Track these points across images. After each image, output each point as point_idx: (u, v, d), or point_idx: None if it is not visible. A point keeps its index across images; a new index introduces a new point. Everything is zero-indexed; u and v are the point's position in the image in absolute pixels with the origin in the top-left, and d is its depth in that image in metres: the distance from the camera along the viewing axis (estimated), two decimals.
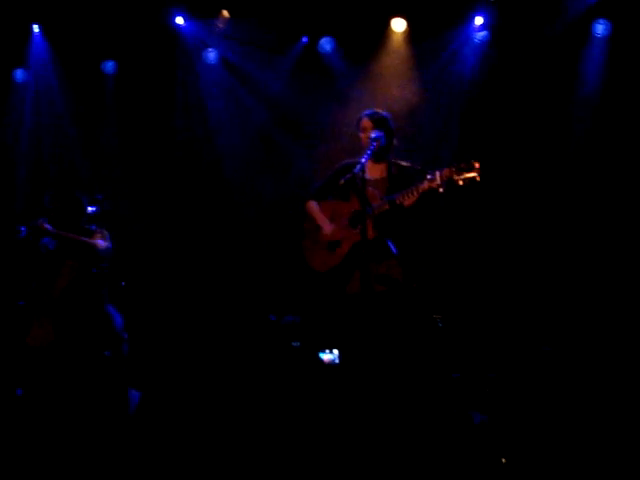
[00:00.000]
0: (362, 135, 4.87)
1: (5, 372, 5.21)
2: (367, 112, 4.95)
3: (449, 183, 4.40)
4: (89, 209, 5.33)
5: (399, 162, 4.89)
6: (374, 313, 4.47)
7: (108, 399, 4.97)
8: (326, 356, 6.12)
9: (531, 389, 5.07)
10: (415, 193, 4.50)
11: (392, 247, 4.61)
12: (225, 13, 7.24)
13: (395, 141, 4.93)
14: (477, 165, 4.34)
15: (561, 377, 5.21)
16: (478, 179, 4.33)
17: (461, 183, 4.36)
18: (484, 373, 5.51)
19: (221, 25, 7.26)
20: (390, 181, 4.77)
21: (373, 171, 4.79)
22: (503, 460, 4.01)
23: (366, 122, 4.86)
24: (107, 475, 4.10)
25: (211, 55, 7.41)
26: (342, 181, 4.43)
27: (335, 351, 6.02)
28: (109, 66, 7.37)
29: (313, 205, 4.99)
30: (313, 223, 4.94)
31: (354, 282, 4.65)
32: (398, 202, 4.56)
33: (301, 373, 5.75)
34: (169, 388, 5.66)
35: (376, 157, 4.75)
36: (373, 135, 4.68)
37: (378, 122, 4.84)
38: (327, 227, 4.84)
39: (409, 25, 7.11)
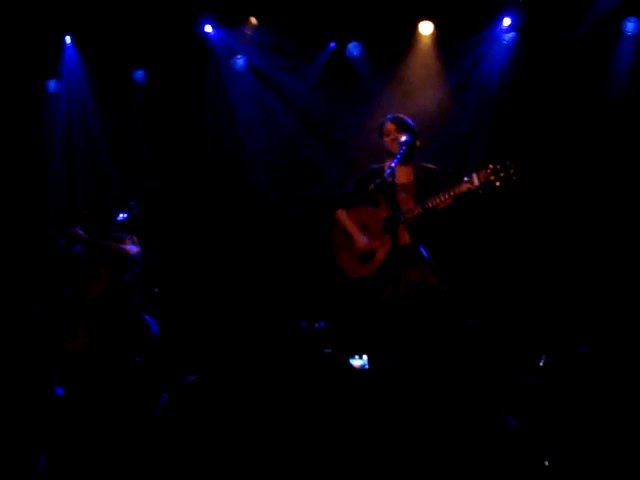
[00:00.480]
0: (386, 139, 4.84)
1: (44, 377, 5.27)
2: (389, 116, 4.92)
3: (486, 185, 4.40)
4: (120, 216, 5.38)
5: (425, 165, 4.85)
6: (406, 319, 4.48)
7: (140, 405, 5.01)
8: (356, 362, 6.12)
9: (567, 392, 5.02)
10: (451, 196, 4.48)
11: (424, 252, 4.59)
12: (253, 20, 7.28)
13: (418, 143, 4.87)
14: (513, 165, 4.36)
15: (597, 379, 5.15)
16: (515, 179, 4.35)
17: (498, 184, 4.36)
18: (520, 377, 5.47)
19: (249, 32, 7.31)
20: (419, 184, 4.73)
21: (401, 175, 4.68)
22: (546, 463, 3.98)
23: (390, 126, 4.84)
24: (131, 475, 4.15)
25: (240, 62, 7.46)
26: (372, 186, 4.41)
27: (365, 357, 6.02)
28: (139, 75, 7.45)
29: (342, 213, 4.90)
30: (344, 232, 4.87)
31: (387, 288, 4.62)
32: (432, 206, 4.53)
33: (331, 378, 5.74)
34: (200, 392, 5.70)
35: (404, 160, 4.71)
36: (403, 139, 4.66)
37: (402, 125, 4.82)
38: (360, 238, 4.76)
39: (436, 28, 7.09)
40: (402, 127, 4.80)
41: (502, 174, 4.37)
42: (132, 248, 5.22)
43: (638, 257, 6.42)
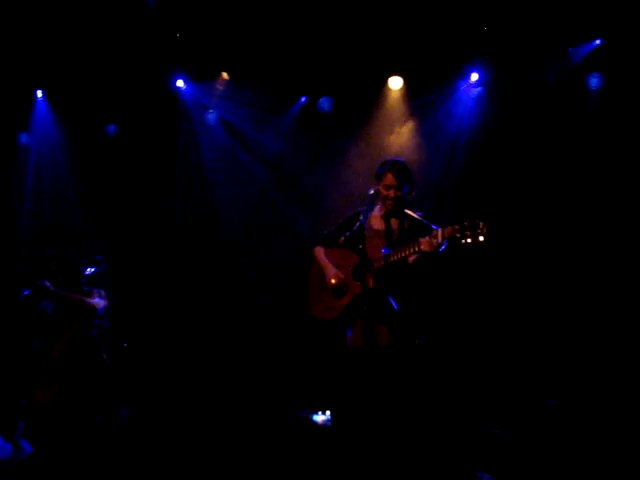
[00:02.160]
0: (384, 192, 4.66)
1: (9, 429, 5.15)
2: (388, 166, 4.71)
3: (451, 241, 4.24)
4: (88, 270, 5.35)
5: (411, 213, 4.76)
6: (375, 368, 4.42)
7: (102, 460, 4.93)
8: (319, 417, 6.05)
9: (537, 446, 4.98)
10: (414, 249, 4.38)
11: (393, 303, 4.56)
12: (224, 75, 7.36)
13: (413, 193, 4.77)
14: (481, 225, 4.13)
15: (567, 433, 5.13)
16: (482, 239, 4.11)
17: (463, 242, 4.16)
18: (488, 430, 5.43)
19: (220, 87, 7.38)
20: (398, 234, 4.67)
21: (379, 223, 4.71)
22: None
23: (390, 179, 4.66)
24: None
25: (211, 116, 7.50)
26: (342, 239, 4.45)
27: (327, 412, 5.95)
28: (111, 129, 7.46)
29: (320, 250, 4.88)
30: (318, 268, 4.83)
31: (356, 336, 4.58)
32: (396, 258, 4.47)
33: (294, 436, 5.67)
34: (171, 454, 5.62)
35: (389, 211, 4.69)
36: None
37: (403, 179, 4.66)
38: (331, 272, 4.71)
39: (406, 83, 7.22)
40: (402, 180, 4.67)
41: (468, 232, 4.15)
42: (99, 302, 5.19)
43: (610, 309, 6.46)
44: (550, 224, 6.72)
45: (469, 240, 4.16)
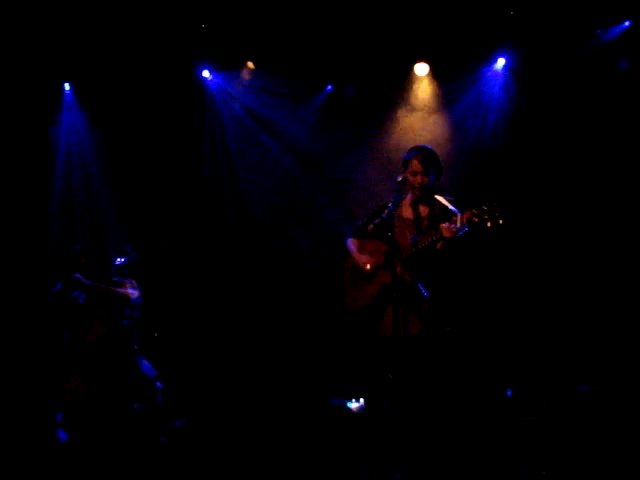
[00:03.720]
0: (411, 178, 4.67)
1: (47, 420, 5.21)
2: (414, 152, 4.72)
3: (470, 225, 4.26)
4: (118, 260, 5.38)
5: (441, 199, 4.73)
6: (407, 357, 4.43)
7: (138, 450, 4.96)
8: (354, 405, 6.07)
9: (570, 433, 4.94)
10: (436, 236, 4.41)
11: (424, 291, 4.56)
12: (250, 64, 7.36)
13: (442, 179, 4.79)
14: (499, 208, 4.16)
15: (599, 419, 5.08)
16: (502, 222, 4.15)
17: (482, 226, 4.19)
18: (521, 417, 5.41)
19: (246, 76, 7.39)
20: (427, 221, 4.67)
21: (409, 210, 4.74)
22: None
23: (416, 165, 4.66)
24: None
25: (237, 105, 7.51)
26: (371, 226, 4.47)
27: (362, 400, 5.96)
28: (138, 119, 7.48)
29: (353, 242, 4.94)
30: (351, 260, 4.90)
31: (387, 325, 4.59)
32: (422, 245, 4.49)
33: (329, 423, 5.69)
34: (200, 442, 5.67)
35: (418, 197, 4.72)
36: (425, 181, 4.66)
37: (429, 164, 4.66)
38: (363, 259, 4.77)
39: (432, 69, 7.19)
40: (428, 166, 4.68)
41: (486, 216, 4.18)
42: (133, 292, 5.23)
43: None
44: (577, 208, 6.68)
45: (488, 224, 4.18)
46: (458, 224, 4.30)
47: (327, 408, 5.99)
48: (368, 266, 4.74)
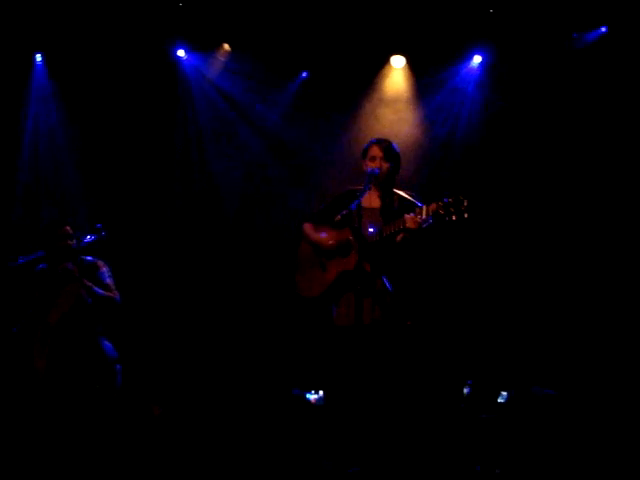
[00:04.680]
0: (369, 163, 4.72)
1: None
2: (375, 140, 4.84)
3: (435, 217, 4.27)
4: (88, 237, 5.27)
5: (401, 193, 4.79)
6: (363, 347, 4.43)
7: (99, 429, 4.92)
8: (313, 396, 6.07)
9: (526, 431, 5.00)
10: (399, 227, 4.41)
11: (386, 282, 4.56)
12: (226, 46, 7.30)
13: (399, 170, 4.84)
14: (465, 202, 4.17)
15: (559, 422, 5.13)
16: (466, 216, 4.17)
17: (447, 219, 4.21)
18: (478, 414, 5.45)
19: (221, 58, 7.32)
20: (389, 211, 4.68)
21: (372, 200, 4.73)
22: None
23: (376, 151, 4.73)
24: None
25: (210, 88, 7.43)
26: (338, 217, 4.44)
27: (321, 392, 5.96)
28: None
29: (309, 227, 4.90)
30: (308, 243, 4.86)
31: (342, 314, 4.60)
32: (383, 235, 4.49)
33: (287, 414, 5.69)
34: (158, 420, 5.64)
35: (379, 187, 4.72)
36: (368, 170, 4.67)
37: (388, 152, 4.74)
38: (324, 237, 4.74)
39: (408, 62, 7.19)
40: (387, 154, 4.73)
41: (452, 209, 4.19)
42: (116, 295, 5.15)
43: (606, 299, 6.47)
44: (546, 205, 6.74)
45: (453, 217, 4.20)
46: (423, 215, 4.32)
47: (287, 399, 5.98)
48: (331, 242, 4.71)
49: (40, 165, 7.35)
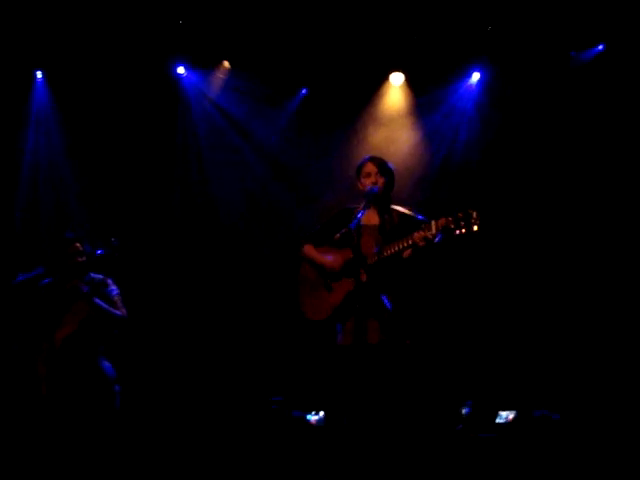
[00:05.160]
0: (365, 181, 4.69)
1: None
2: (369, 157, 4.81)
3: (445, 232, 4.20)
4: (98, 251, 5.21)
5: (399, 209, 4.76)
6: (365, 367, 4.42)
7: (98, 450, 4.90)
8: (314, 417, 6.05)
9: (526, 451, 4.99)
10: (407, 243, 4.35)
11: (386, 302, 4.55)
12: (226, 64, 7.33)
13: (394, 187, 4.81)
14: (475, 215, 4.12)
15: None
16: (476, 229, 4.11)
17: (457, 232, 4.14)
18: (478, 433, 5.44)
19: (222, 76, 7.35)
20: (390, 229, 4.63)
21: (372, 218, 4.69)
22: None
23: (370, 167, 4.70)
24: None
25: (210, 105, 7.45)
26: (338, 235, 4.42)
27: (321, 412, 5.93)
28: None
29: (310, 248, 4.82)
30: (311, 265, 4.79)
31: (347, 334, 4.57)
32: (388, 254, 4.43)
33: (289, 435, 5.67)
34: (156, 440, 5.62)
35: (376, 204, 4.69)
36: (368, 188, 4.67)
37: (382, 167, 4.71)
38: (329, 260, 4.65)
39: (407, 79, 7.22)
40: (382, 169, 4.71)
41: (462, 223, 4.13)
42: (124, 312, 5.13)
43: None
44: (546, 222, 6.76)
45: (463, 230, 4.14)
46: (433, 231, 4.24)
47: (287, 420, 5.96)
48: (335, 266, 4.63)
49: (40, 181, 7.35)
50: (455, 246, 4.36)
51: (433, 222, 4.27)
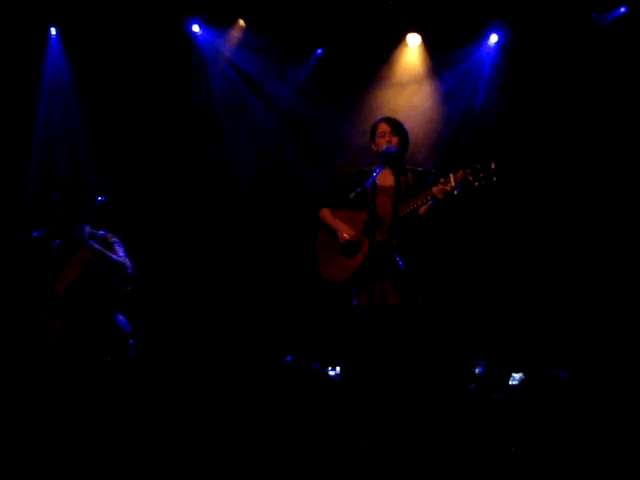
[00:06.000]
0: (380, 140, 4.71)
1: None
2: (382, 117, 4.84)
3: (464, 184, 4.19)
4: (98, 199, 5.26)
5: (416, 168, 4.77)
6: (379, 328, 4.44)
7: (110, 402, 4.93)
8: (332, 372, 6.09)
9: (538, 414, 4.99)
10: (427, 198, 4.34)
11: (400, 262, 4.55)
12: (241, 22, 7.26)
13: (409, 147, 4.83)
14: (493, 165, 4.11)
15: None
16: (495, 179, 4.10)
17: (477, 184, 4.13)
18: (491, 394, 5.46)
19: (236, 34, 7.29)
20: (405, 188, 4.63)
21: (386, 179, 4.68)
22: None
23: (384, 127, 4.73)
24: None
25: (225, 64, 7.40)
26: (352, 194, 4.42)
27: (338, 368, 5.98)
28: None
29: (327, 212, 4.85)
30: (328, 230, 4.81)
31: (362, 296, 4.59)
32: (407, 210, 4.44)
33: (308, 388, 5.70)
34: (171, 395, 5.65)
35: (391, 164, 4.68)
36: (384, 148, 4.65)
37: (396, 127, 4.73)
38: (343, 228, 4.68)
39: (424, 40, 7.14)
40: (396, 129, 4.73)
41: (481, 174, 4.12)
42: (128, 264, 5.17)
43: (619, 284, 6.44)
44: (564, 188, 6.71)
45: (482, 182, 4.13)
46: (452, 183, 4.22)
47: (307, 373, 5.98)
48: (346, 235, 4.65)
49: (54, 140, 7.33)
50: (474, 199, 4.33)
51: (451, 175, 4.25)
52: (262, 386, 5.40)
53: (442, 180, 4.28)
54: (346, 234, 4.66)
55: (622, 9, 6.59)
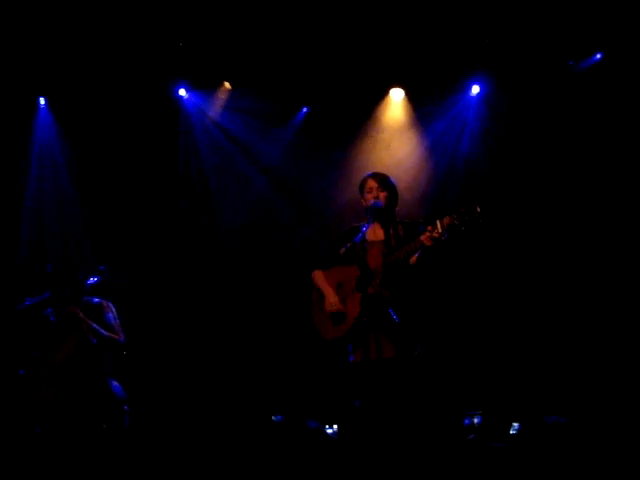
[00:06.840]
0: (368, 196, 4.77)
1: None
2: (370, 174, 4.89)
3: (451, 230, 4.25)
4: (91, 280, 5.33)
5: (405, 220, 4.82)
6: (377, 383, 4.42)
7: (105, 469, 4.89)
8: (329, 430, 6.04)
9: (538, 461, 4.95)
10: (416, 246, 4.39)
11: (393, 315, 4.55)
12: (227, 84, 7.38)
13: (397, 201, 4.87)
14: (478, 209, 4.20)
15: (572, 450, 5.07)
16: (481, 222, 4.18)
17: (463, 228, 4.21)
18: (490, 443, 5.42)
19: (223, 96, 7.40)
20: (395, 243, 4.67)
21: (377, 233, 4.74)
22: None
23: (372, 183, 4.78)
24: None
25: (212, 125, 7.50)
26: (343, 250, 4.46)
27: (335, 426, 5.93)
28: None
29: (319, 274, 4.88)
30: (319, 293, 4.84)
31: (357, 351, 4.58)
32: (397, 259, 4.48)
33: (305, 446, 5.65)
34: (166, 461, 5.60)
35: (380, 219, 4.75)
36: (371, 203, 4.71)
37: (383, 182, 4.79)
38: (329, 298, 4.71)
39: (407, 94, 7.27)
40: (383, 184, 4.78)
41: (467, 218, 4.20)
42: (121, 336, 5.21)
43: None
44: (547, 233, 6.77)
45: (469, 225, 4.21)
46: (439, 229, 4.28)
47: (303, 431, 5.95)
48: (328, 308, 4.69)
49: (45, 207, 7.38)
50: (461, 245, 4.36)
51: (438, 221, 4.31)
52: (258, 447, 5.36)
53: (429, 228, 4.33)
54: (328, 307, 4.70)
55: (598, 55, 6.73)
